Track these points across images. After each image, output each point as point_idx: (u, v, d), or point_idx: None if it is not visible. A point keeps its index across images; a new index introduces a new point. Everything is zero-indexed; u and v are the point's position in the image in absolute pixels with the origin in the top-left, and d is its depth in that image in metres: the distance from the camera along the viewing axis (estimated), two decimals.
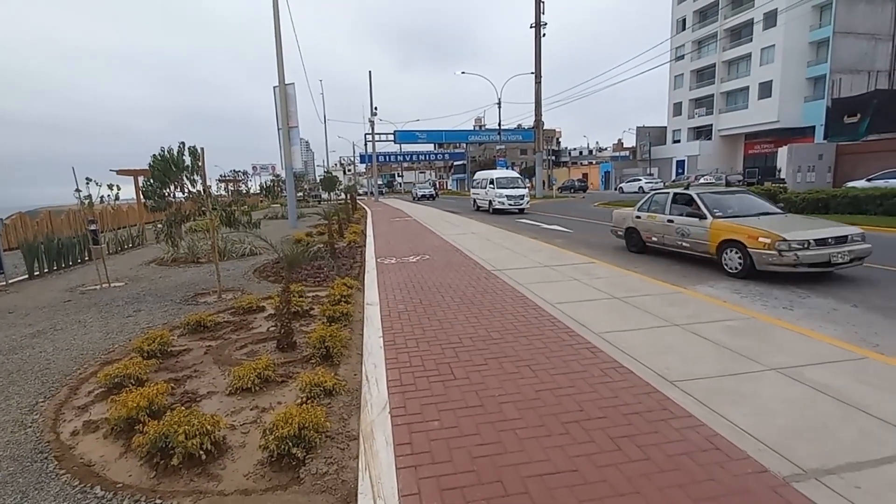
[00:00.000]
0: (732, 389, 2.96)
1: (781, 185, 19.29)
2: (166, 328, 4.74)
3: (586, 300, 5.18)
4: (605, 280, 6.13)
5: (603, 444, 2.41)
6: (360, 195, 51.90)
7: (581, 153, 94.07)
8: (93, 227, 7.60)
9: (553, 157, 57.61)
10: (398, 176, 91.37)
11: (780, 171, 26.90)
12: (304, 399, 3.02)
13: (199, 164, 6.28)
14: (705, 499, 2.00)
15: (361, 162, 63.87)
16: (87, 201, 7.26)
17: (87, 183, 7.02)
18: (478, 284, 6.11)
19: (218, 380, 3.54)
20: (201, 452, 2.42)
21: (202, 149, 6.35)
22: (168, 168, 5.81)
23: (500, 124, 46.34)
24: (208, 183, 6.52)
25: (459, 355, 3.68)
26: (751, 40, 42.29)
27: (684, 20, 49.98)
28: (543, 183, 36.58)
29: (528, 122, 48.62)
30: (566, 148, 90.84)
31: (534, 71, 31.91)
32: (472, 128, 68.50)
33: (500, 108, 44.02)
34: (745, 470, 2.18)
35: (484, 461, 2.31)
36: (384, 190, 71.44)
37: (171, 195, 6.18)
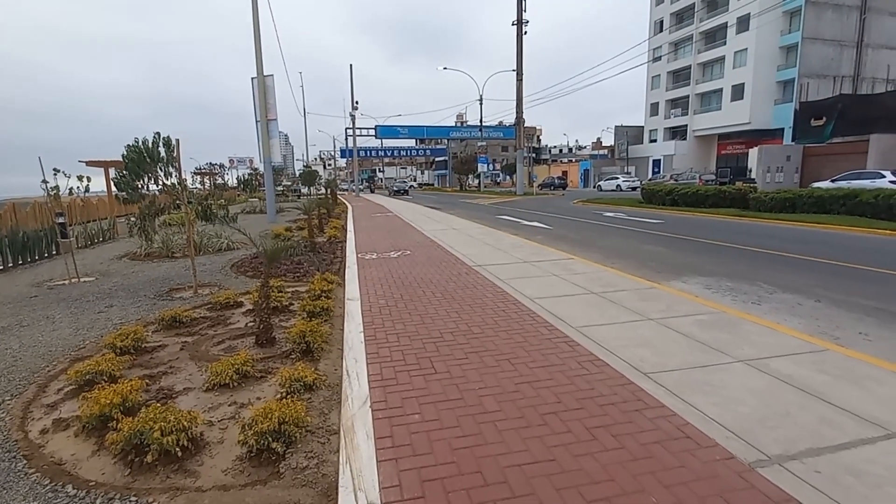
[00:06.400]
0: (702, 380, 3.07)
1: (752, 185, 19.95)
2: (140, 324, 4.62)
3: (565, 295, 5.27)
4: (583, 276, 6.25)
5: (580, 435, 2.48)
6: (342, 190, 51.31)
7: (561, 151, 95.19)
8: (61, 220, 7.32)
9: (534, 155, 57.97)
10: (379, 171, 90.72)
11: (750, 171, 27.80)
12: (284, 394, 3.00)
13: (175, 155, 6.13)
14: (676, 484, 2.08)
15: (342, 156, 63.12)
16: (54, 193, 7.00)
17: (55, 174, 6.76)
18: (459, 280, 6.15)
19: (195, 376, 3.48)
20: (178, 449, 2.39)
21: (177, 140, 6.19)
22: (142, 159, 5.64)
23: (481, 121, 46.45)
24: (184, 175, 6.36)
25: (440, 350, 3.71)
26: (724, 44, 43.46)
27: (662, 22, 50.98)
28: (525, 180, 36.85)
29: (510, 119, 48.90)
30: (547, 146, 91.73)
31: (515, 68, 32.09)
32: (453, 124, 68.39)
33: (481, 104, 44.09)
34: (714, 457, 2.27)
35: (464, 452, 2.35)
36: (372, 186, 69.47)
37: (145, 187, 6.01)
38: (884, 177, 15.88)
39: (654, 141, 52.93)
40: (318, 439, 2.61)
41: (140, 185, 6.08)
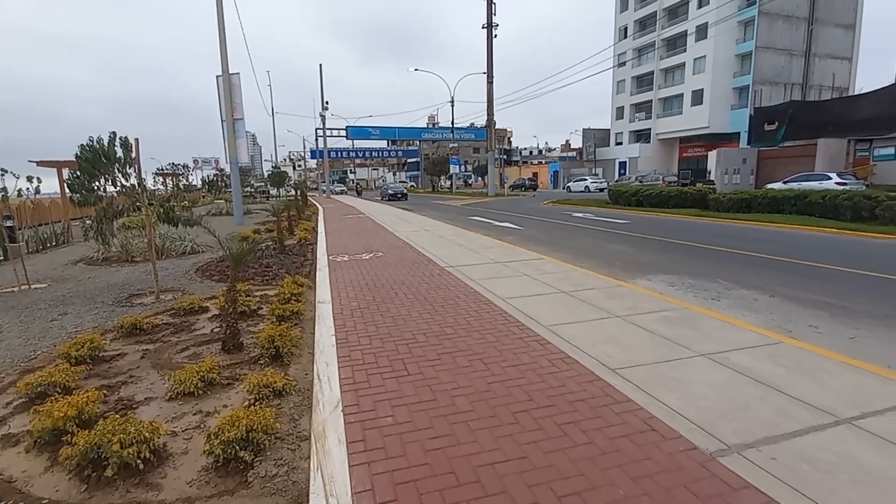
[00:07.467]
0: (667, 375, 3.18)
1: (711, 187, 20.81)
2: (97, 332, 4.40)
3: (536, 295, 5.35)
4: (553, 275, 6.36)
5: (550, 431, 2.53)
6: (312, 191, 50.22)
7: (531, 153, 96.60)
8: (9, 223, 6.90)
9: (505, 156, 58.62)
10: (350, 172, 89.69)
11: (710, 172, 28.97)
12: (253, 401, 2.93)
13: (133, 155, 5.87)
14: (642, 476, 2.15)
15: (312, 157, 62.04)
16: (1, 195, 6.58)
17: (3, 174, 6.36)
18: (431, 281, 6.15)
19: (157, 385, 3.35)
20: (139, 461, 2.29)
21: (136, 139, 5.94)
22: (97, 159, 5.38)
23: (452, 122, 46.66)
24: (144, 176, 6.10)
25: (413, 351, 3.70)
26: (685, 51, 45.21)
27: (626, 29, 52.53)
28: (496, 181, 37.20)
29: (481, 121, 49.26)
30: (517, 147, 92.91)
31: (486, 71, 32.38)
32: (425, 125, 68.34)
33: (453, 106, 44.31)
34: (678, 448, 2.36)
35: (437, 454, 2.35)
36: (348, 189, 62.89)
37: (102, 189, 5.73)
38: (830, 178, 16.94)
39: (620, 144, 54.48)
40: (288, 446, 2.55)
41: (96, 187, 5.78)
